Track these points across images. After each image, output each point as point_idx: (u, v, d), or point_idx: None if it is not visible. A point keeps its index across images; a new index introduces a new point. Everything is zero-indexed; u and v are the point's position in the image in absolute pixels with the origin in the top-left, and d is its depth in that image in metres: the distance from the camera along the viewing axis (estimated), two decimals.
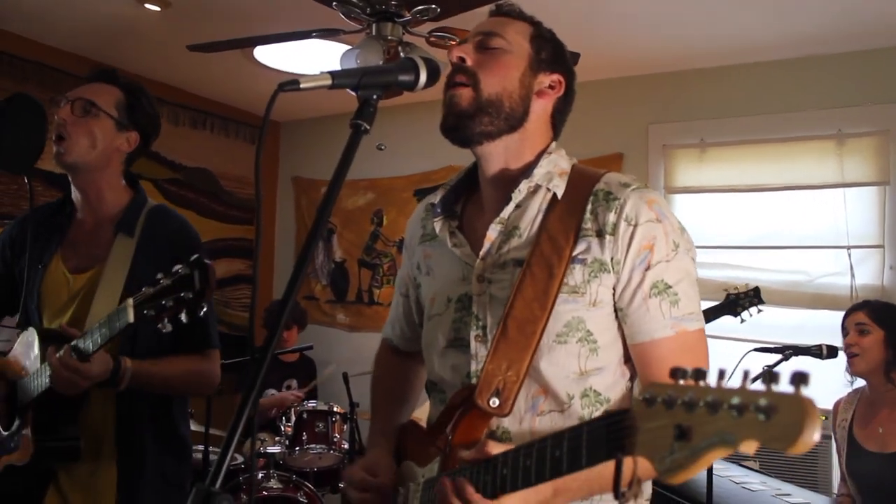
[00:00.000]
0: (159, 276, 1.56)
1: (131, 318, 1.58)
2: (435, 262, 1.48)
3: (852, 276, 3.88)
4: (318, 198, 5.89)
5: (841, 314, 3.80)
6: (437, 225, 1.44)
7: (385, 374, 1.72)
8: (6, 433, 1.85)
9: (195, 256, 1.52)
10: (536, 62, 1.37)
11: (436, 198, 1.47)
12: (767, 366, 2.91)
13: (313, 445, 4.04)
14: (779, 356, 2.95)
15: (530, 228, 1.33)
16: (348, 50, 2.93)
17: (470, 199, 1.48)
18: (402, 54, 2.94)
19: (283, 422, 4.15)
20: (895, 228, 3.84)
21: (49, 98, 1.91)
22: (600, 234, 1.27)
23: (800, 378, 0.65)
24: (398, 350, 1.71)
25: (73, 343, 1.67)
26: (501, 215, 1.35)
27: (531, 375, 1.27)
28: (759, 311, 3.26)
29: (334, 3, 2.82)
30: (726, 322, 3.32)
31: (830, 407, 3.66)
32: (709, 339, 1.31)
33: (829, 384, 3.78)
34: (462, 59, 1.34)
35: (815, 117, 4.04)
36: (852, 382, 2.99)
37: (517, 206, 1.35)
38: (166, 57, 4.53)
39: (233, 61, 4.38)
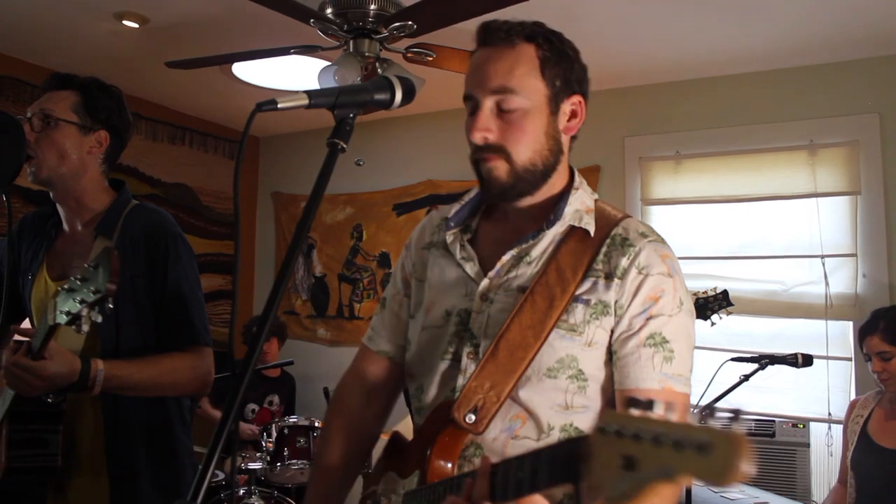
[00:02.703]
0: (75, 274, 1.51)
1: (50, 322, 1.54)
2: (435, 272, 1.46)
3: (826, 284, 3.94)
4: (298, 213, 5.89)
5: (816, 322, 3.90)
6: (450, 237, 1.43)
7: (338, 435, 1.56)
8: None
9: (102, 249, 1.47)
10: (553, 99, 1.32)
11: (449, 211, 1.46)
12: (744, 375, 2.95)
13: (295, 461, 4.02)
14: (755, 365, 2.98)
15: (541, 257, 1.33)
16: (326, 66, 2.95)
17: (486, 215, 1.47)
18: (379, 70, 2.97)
19: (265, 437, 4.14)
20: (867, 237, 3.90)
21: (18, 118, 1.90)
22: (609, 277, 1.28)
23: (735, 415, 0.68)
24: (379, 376, 1.59)
25: (28, 341, 1.64)
26: (523, 246, 1.34)
27: (515, 400, 1.27)
28: (729, 313, 3.29)
29: (312, 21, 2.85)
30: (703, 332, 3.36)
31: (810, 415, 3.71)
32: None
33: (806, 391, 3.85)
34: (485, 139, 1.29)
35: (788, 128, 4.11)
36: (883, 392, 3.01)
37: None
38: (144, 73, 4.52)
39: (211, 77, 4.39)
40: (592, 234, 1.32)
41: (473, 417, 1.24)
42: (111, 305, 1.46)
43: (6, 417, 1.75)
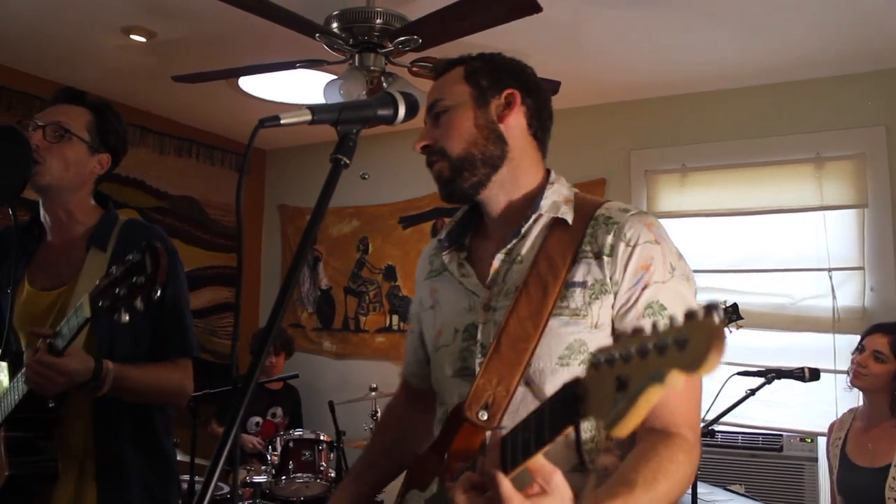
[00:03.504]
0: (112, 267, 1.54)
1: (87, 313, 1.56)
2: (442, 295, 1.51)
3: (834, 297, 3.92)
4: (304, 226, 5.88)
5: (823, 336, 3.89)
6: (446, 258, 1.48)
7: (386, 420, 1.76)
8: None
9: (145, 242, 1.50)
10: (480, 96, 1.41)
11: (443, 233, 1.52)
12: (750, 389, 2.94)
13: (300, 474, 4.01)
14: (762, 380, 2.97)
15: (530, 254, 1.36)
16: (332, 80, 2.96)
17: (477, 231, 1.52)
18: (384, 84, 2.97)
19: (270, 450, 4.13)
20: (874, 250, 3.89)
21: (17, 121, 1.91)
22: (598, 256, 1.30)
23: (710, 308, 0.71)
24: (410, 392, 1.72)
25: (47, 340, 1.66)
26: (507, 246, 1.38)
27: (534, 393, 1.29)
28: (739, 327, 3.28)
29: (317, 35, 2.86)
30: None
31: (818, 429, 3.69)
32: None
33: (814, 405, 3.82)
34: (424, 147, 1.43)
35: (794, 141, 4.10)
36: (850, 389, 3.05)
37: (522, 237, 1.38)
38: (152, 86, 4.55)
39: (218, 90, 4.41)
40: (570, 222, 1.36)
41: (486, 414, 1.26)
42: (159, 293, 1.49)
43: (4, 423, 1.76)
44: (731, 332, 3.27)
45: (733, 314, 3.29)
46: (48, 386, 1.66)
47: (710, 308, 0.70)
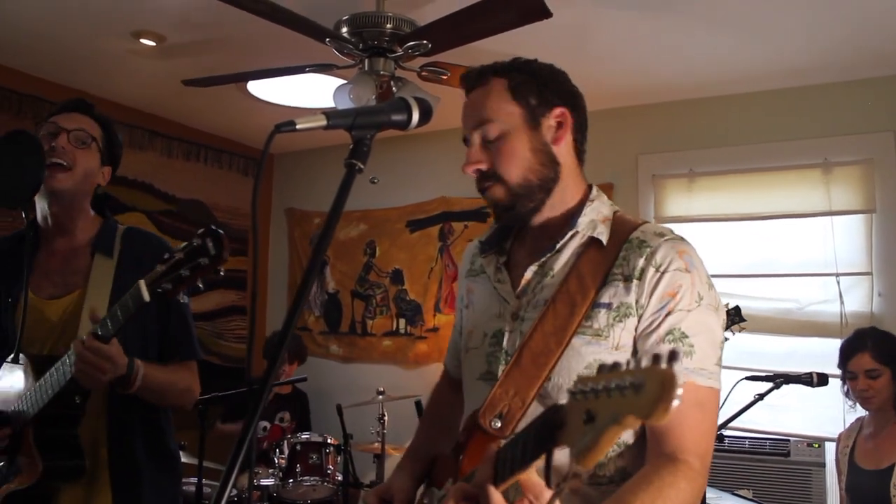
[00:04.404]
0: (166, 254, 1.57)
1: (146, 298, 1.58)
2: (477, 296, 1.54)
3: (842, 303, 3.92)
4: (312, 230, 5.91)
5: (831, 341, 3.85)
6: (486, 261, 1.51)
7: (433, 399, 1.79)
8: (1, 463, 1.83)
9: (203, 229, 1.54)
10: (532, 117, 1.39)
11: (484, 235, 1.56)
12: (758, 394, 2.94)
13: (307, 477, 4.02)
14: (770, 384, 2.97)
15: (563, 270, 1.37)
16: (341, 85, 2.96)
17: (518, 237, 1.53)
18: (394, 89, 2.98)
19: (277, 454, 4.14)
20: (882, 255, 3.88)
21: (36, 122, 1.93)
22: (628, 279, 1.30)
23: (672, 355, 0.73)
24: (452, 381, 1.74)
25: (92, 330, 1.67)
26: (541, 259, 1.40)
27: (547, 407, 1.30)
28: (741, 329, 3.28)
29: (327, 40, 2.87)
30: None
31: (826, 435, 3.69)
32: None
33: (822, 411, 3.81)
34: (477, 170, 1.40)
35: (802, 146, 4.10)
36: (854, 407, 3.07)
37: (557, 252, 1.39)
38: (161, 90, 4.56)
39: (226, 94, 4.42)
40: (605, 242, 1.36)
41: (499, 423, 1.28)
42: (223, 273, 1.53)
43: (31, 423, 1.77)
44: (733, 334, 3.28)
45: (735, 317, 3.29)
46: (96, 374, 1.67)
47: (672, 356, 0.72)
